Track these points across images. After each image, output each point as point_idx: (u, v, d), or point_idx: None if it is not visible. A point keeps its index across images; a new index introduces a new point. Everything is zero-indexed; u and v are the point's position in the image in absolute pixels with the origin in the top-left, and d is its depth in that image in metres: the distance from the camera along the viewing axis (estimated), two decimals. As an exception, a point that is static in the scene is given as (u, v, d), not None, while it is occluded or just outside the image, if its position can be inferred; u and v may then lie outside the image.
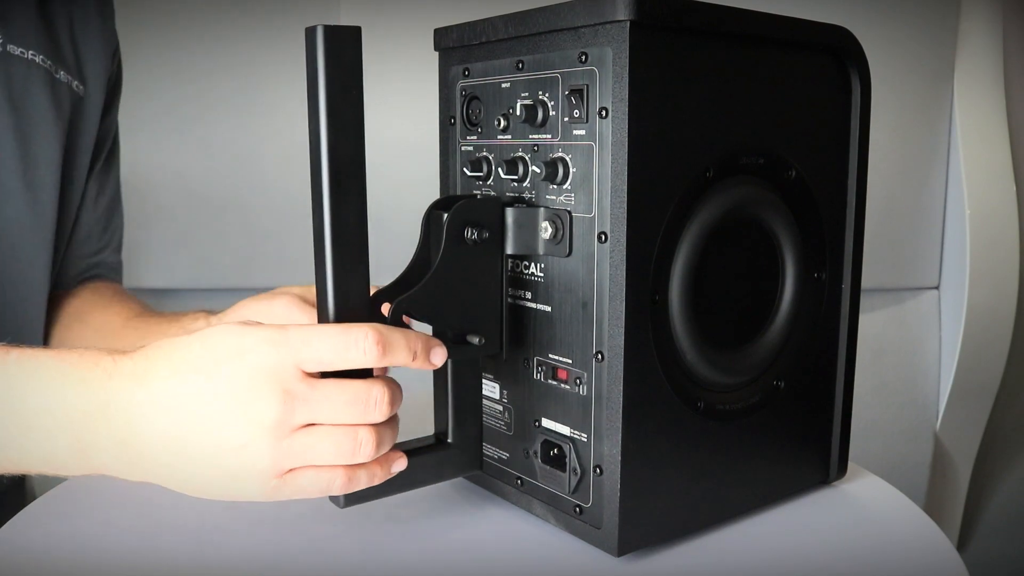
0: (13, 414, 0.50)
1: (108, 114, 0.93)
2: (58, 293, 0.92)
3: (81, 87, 0.86)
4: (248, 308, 0.75)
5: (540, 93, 0.59)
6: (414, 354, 0.52)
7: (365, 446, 0.50)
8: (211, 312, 0.82)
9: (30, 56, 0.79)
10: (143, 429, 0.49)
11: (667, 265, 0.57)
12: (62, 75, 0.83)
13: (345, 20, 1.46)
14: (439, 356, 0.54)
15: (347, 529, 0.62)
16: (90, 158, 0.90)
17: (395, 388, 0.52)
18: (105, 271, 0.97)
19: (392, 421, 0.53)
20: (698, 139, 0.57)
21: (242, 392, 0.48)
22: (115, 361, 0.51)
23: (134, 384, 0.49)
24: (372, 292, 0.56)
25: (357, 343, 0.49)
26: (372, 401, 0.50)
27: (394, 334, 0.51)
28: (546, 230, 0.59)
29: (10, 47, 0.78)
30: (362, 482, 0.52)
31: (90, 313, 0.90)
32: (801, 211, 0.64)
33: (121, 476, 0.52)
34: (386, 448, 0.52)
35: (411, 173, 1.43)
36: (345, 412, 0.50)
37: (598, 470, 0.58)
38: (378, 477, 0.53)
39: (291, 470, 0.50)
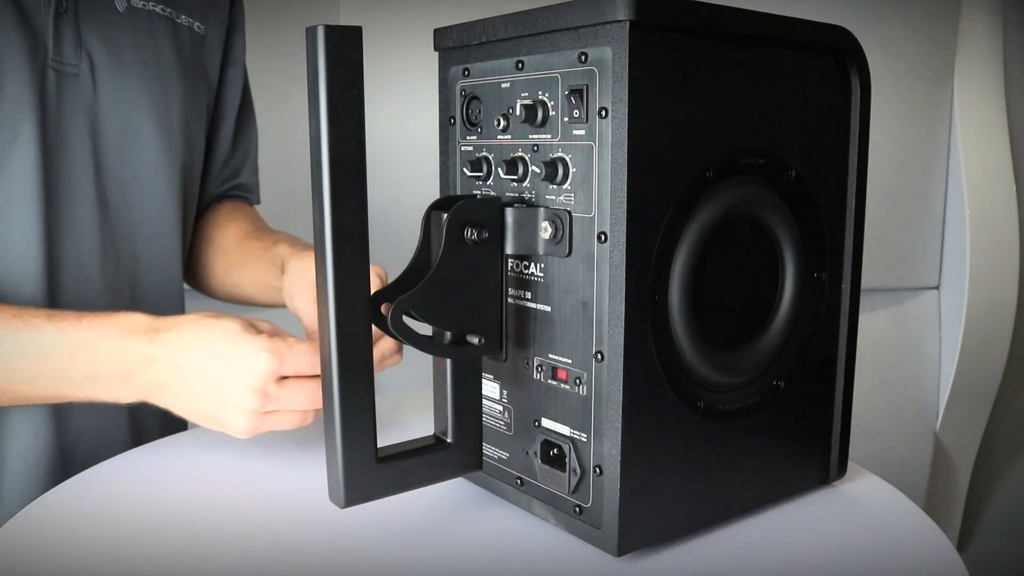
0: (82, 365, 0.68)
1: (234, 60, 0.98)
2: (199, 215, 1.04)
3: (201, 27, 0.92)
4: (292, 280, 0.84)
5: (540, 93, 0.59)
6: None
7: (309, 420, 0.69)
8: (293, 243, 0.91)
9: (151, 7, 0.86)
10: (170, 382, 0.68)
11: (667, 265, 0.57)
12: (183, 19, 0.89)
13: (345, 20, 1.46)
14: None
15: (348, 529, 0.62)
16: (214, 98, 0.97)
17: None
18: (241, 192, 1.06)
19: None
20: (698, 139, 0.57)
21: (235, 383, 0.66)
22: (158, 332, 0.68)
23: (169, 353, 0.67)
24: (372, 292, 0.56)
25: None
26: (318, 398, 0.66)
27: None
28: (546, 230, 0.59)
29: (133, 1, 0.84)
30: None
31: (211, 232, 1.02)
32: (801, 211, 0.64)
33: (150, 401, 0.70)
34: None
35: (411, 173, 1.43)
36: (301, 404, 0.67)
37: (598, 470, 0.58)
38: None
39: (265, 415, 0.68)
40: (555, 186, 0.58)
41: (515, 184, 0.61)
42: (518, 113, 0.60)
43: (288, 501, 0.67)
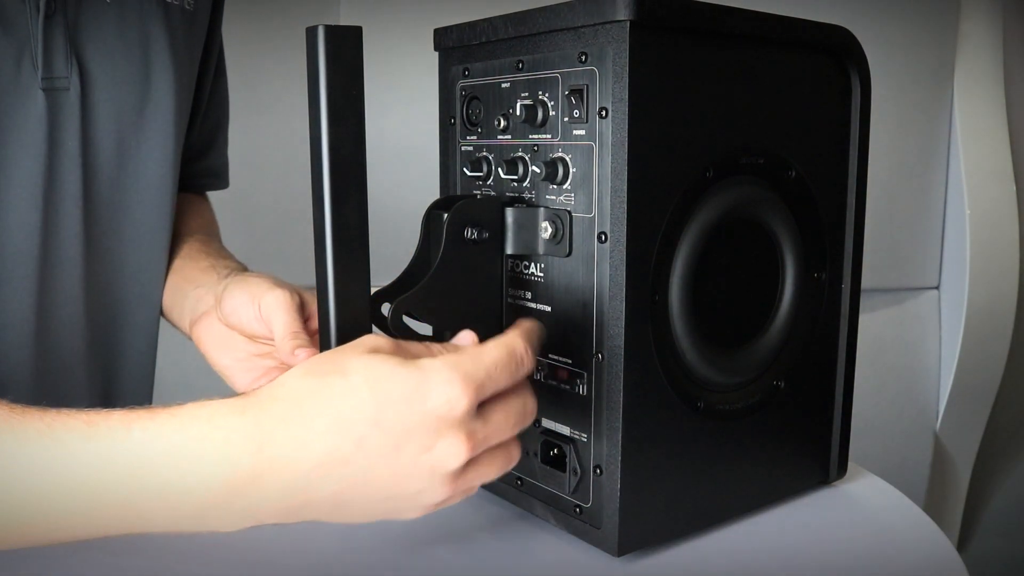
0: (143, 497, 0.45)
1: (216, 27, 0.86)
2: None
3: (191, 2, 0.79)
4: (260, 283, 0.68)
5: (540, 93, 0.59)
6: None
7: (516, 456, 0.51)
8: (238, 268, 0.76)
9: None
10: (305, 494, 0.46)
11: (667, 265, 0.57)
12: None
13: (345, 20, 1.46)
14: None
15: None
16: (198, 73, 0.83)
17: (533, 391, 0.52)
18: (205, 178, 0.91)
19: None
20: (698, 139, 0.57)
21: (423, 441, 0.45)
22: (260, 426, 0.45)
23: (291, 451, 0.45)
24: (372, 292, 0.56)
25: (523, 363, 0.49)
26: (529, 415, 0.50)
27: (523, 340, 0.50)
28: (546, 230, 0.59)
29: None
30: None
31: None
32: (801, 211, 0.64)
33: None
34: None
35: (411, 173, 1.43)
36: (509, 434, 0.49)
37: (598, 470, 0.58)
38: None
39: None
40: (555, 186, 0.58)
41: (515, 184, 0.61)
42: (518, 113, 0.60)
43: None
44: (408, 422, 0.45)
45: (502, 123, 0.61)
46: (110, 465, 0.45)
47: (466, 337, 0.53)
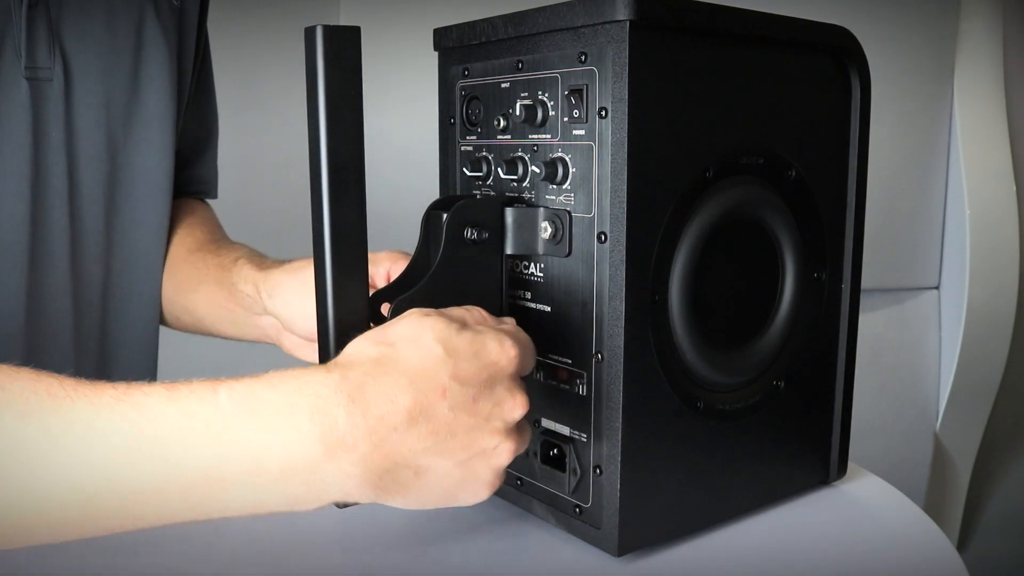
0: (231, 461, 0.43)
1: (203, 28, 0.85)
2: None
3: (177, 1, 0.77)
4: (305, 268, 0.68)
5: (540, 93, 0.59)
6: None
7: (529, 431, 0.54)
8: (259, 261, 0.74)
9: None
10: (393, 452, 0.46)
11: (667, 265, 0.57)
12: None
13: (345, 20, 1.46)
14: None
15: (345, 529, 0.62)
16: (191, 72, 0.83)
17: None
18: (195, 185, 0.89)
19: None
20: (698, 139, 0.57)
21: (493, 393, 0.49)
22: (348, 380, 0.45)
23: (381, 402, 0.45)
24: (372, 292, 0.56)
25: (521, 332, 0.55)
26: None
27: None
28: (546, 230, 0.59)
29: None
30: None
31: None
32: (801, 211, 0.64)
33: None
34: None
35: (411, 173, 1.43)
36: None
37: (598, 470, 0.58)
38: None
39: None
40: (555, 186, 0.58)
41: (515, 184, 0.61)
42: (518, 113, 0.60)
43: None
44: (480, 374, 0.48)
45: (502, 123, 0.61)
46: (197, 426, 0.42)
47: None
